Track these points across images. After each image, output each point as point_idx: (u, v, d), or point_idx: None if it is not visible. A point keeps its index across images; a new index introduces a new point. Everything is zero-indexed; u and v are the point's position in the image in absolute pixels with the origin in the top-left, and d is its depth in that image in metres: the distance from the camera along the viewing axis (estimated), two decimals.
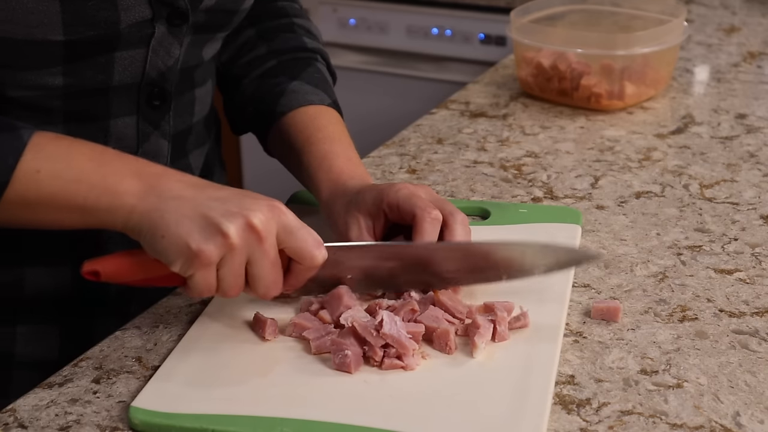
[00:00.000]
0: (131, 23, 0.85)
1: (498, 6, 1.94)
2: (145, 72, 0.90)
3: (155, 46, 0.89)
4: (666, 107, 1.37)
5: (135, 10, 0.85)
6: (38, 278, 0.92)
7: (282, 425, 0.72)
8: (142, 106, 0.92)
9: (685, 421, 0.74)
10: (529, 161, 1.20)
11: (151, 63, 0.89)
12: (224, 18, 0.96)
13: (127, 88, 0.90)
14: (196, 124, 1.02)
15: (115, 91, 0.89)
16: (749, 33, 1.70)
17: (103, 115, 0.90)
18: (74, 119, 0.89)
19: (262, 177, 1.91)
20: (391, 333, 0.78)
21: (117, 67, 0.87)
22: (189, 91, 0.98)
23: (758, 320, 0.86)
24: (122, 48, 0.87)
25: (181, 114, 0.98)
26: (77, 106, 0.88)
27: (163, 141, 0.95)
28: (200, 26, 0.93)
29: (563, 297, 0.87)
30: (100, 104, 0.89)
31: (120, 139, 0.91)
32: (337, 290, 0.84)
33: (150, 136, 0.93)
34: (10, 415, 0.75)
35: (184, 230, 0.74)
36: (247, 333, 0.83)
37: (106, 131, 0.90)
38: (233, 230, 0.74)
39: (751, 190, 1.11)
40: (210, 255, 0.74)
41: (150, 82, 0.91)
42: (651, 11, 1.46)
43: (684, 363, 0.80)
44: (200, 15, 0.92)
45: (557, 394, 0.77)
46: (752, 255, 0.97)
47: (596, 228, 1.03)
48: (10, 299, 0.92)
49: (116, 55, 0.87)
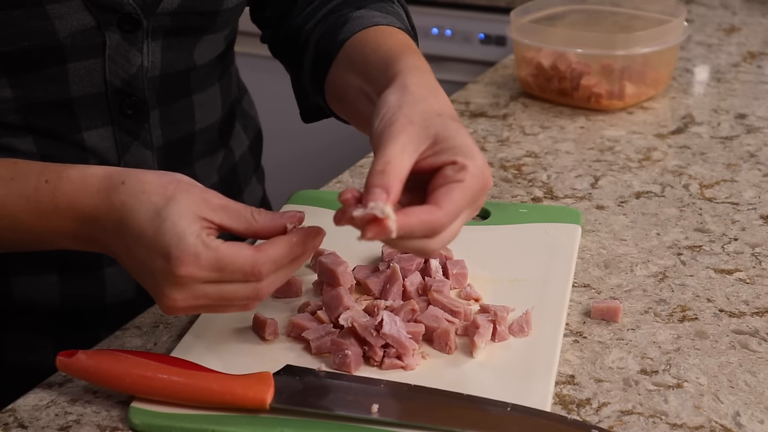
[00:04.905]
0: (72, 32, 0.83)
1: (498, 6, 1.94)
2: (107, 81, 0.87)
3: (111, 54, 0.86)
4: (666, 107, 1.37)
5: (72, 19, 0.82)
6: (25, 288, 0.91)
7: (282, 425, 0.72)
8: (116, 117, 0.89)
9: (685, 421, 0.74)
10: (529, 161, 1.20)
11: (110, 72, 0.87)
12: (202, 20, 0.92)
13: (93, 99, 0.87)
14: (202, 132, 0.99)
15: (79, 103, 0.87)
16: (749, 33, 1.70)
17: (72, 128, 0.88)
18: (43, 135, 0.87)
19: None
20: (391, 333, 0.78)
21: (72, 77, 0.85)
22: (184, 98, 0.95)
23: (758, 320, 0.86)
24: (74, 59, 0.84)
25: (174, 122, 0.94)
26: (42, 121, 0.86)
27: (146, 151, 0.92)
28: (171, 30, 0.90)
29: (563, 297, 0.87)
30: (66, 117, 0.87)
31: (97, 151, 0.89)
32: (336, 291, 0.84)
33: (130, 146, 0.91)
34: (10, 415, 0.75)
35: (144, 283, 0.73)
36: (247, 333, 0.83)
37: (80, 145, 0.88)
38: (169, 302, 0.71)
39: (751, 190, 1.11)
40: (170, 311, 0.72)
41: (116, 90, 0.88)
42: (651, 11, 1.46)
43: (684, 363, 0.80)
44: (163, 19, 0.88)
45: (557, 394, 0.77)
46: (752, 255, 0.97)
47: (596, 228, 1.03)
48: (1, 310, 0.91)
49: (69, 66, 0.85)
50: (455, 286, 0.89)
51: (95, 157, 0.89)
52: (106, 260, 0.92)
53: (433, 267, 0.89)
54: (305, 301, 0.86)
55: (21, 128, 0.86)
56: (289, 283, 0.88)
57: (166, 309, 0.72)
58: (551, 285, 0.89)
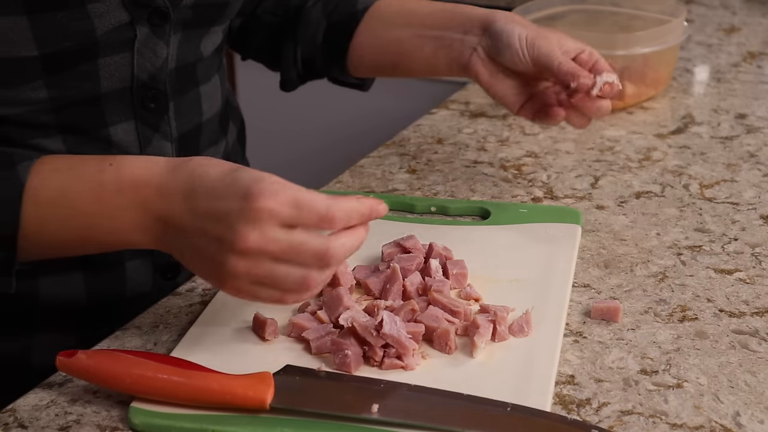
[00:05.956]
0: (108, 29, 0.84)
1: (498, 6, 1.94)
2: (134, 75, 0.89)
3: (140, 48, 0.88)
4: (666, 107, 1.37)
5: (110, 16, 0.84)
6: (52, 287, 0.92)
7: (282, 425, 0.72)
8: (138, 110, 0.91)
9: (685, 421, 0.74)
10: (529, 161, 1.20)
11: (138, 66, 0.89)
12: (214, 12, 0.95)
13: (119, 93, 0.89)
14: (207, 122, 1.01)
15: (106, 99, 0.88)
16: (749, 33, 1.70)
17: (99, 124, 0.89)
18: (71, 132, 0.88)
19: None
20: (391, 333, 0.78)
21: (103, 73, 0.86)
22: (192, 89, 0.97)
23: (758, 320, 0.86)
24: (105, 54, 0.86)
25: (186, 113, 0.97)
26: (71, 119, 0.87)
27: (166, 143, 0.94)
28: (189, 22, 0.92)
29: (563, 297, 0.87)
30: (94, 114, 0.88)
31: (122, 146, 0.91)
32: (336, 291, 0.84)
33: (152, 139, 0.93)
34: (10, 415, 0.75)
35: (199, 271, 0.76)
36: (247, 333, 0.83)
37: (107, 140, 0.90)
38: (232, 264, 0.72)
39: (751, 190, 1.11)
40: (231, 285, 0.74)
41: (141, 84, 0.90)
42: (651, 11, 1.45)
43: (684, 363, 0.80)
44: (185, 11, 0.91)
45: (557, 394, 0.77)
46: (752, 255, 0.97)
47: (596, 228, 1.03)
48: (26, 310, 0.92)
49: (100, 62, 0.86)
50: (455, 286, 0.89)
51: (119, 151, 0.91)
52: (127, 255, 0.94)
53: (433, 267, 0.89)
54: (305, 301, 0.86)
55: (52, 128, 0.87)
56: None
57: (223, 283, 0.73)
58: (551, 285, 0.89)
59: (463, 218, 1.05)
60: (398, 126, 1.34)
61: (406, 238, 0.93)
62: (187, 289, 0.92)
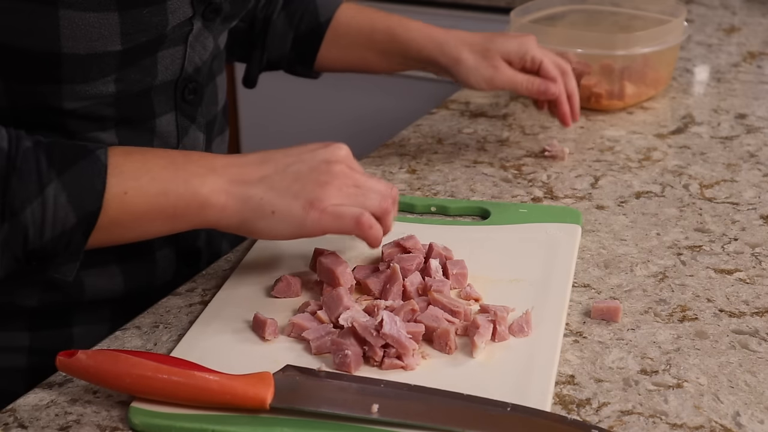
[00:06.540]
0: (175, 24, 0.88)
1: (498, 6, 1.94)
2: (183, 68, 0.92)
3: (192, 41, 0.92)
4: (666, 107, 1.37)
5: (180, 12, 0.88)
6: (94, 279, 0.94)
7: (282, 425, 0.72)
8: (179, 102, 0.94)
9: (685, 421, 0.74)
10: (529, 161, 1.20)
11: (189, 59, 0.92)
12: (242, 6, 1.00)
13: (167, 85, 0.92)
14: (220, 112, 1.05)
15: (155, 91, 0.91)
16: (749, 33, 1.70)
17: (148, 115, 0.92)
18: (123, 123, 0.91)
19: None
20: (391, 333, 0.78)
21: (160, 66, 0.90)
22: (212, 81, 1.01)
23: (758, 320, 0.86)
24: (164, 47, 0.89)
25: (209, 104, 1.01)
26: (126, 112, 0.90)
27: (199, 133, 0.98)
28: (226, 17, 0.96)
29: (563, 297, 0.87)
30: (145, 106, 0.92)
31: (163, 136, 0.94)
32: (336, 291, 0.84)
33: (188, 129, 0.96)
34: (10, 415, 0.75)
35: (290, 196, 0.81)
36: (247, 333, 0.83)
37: (152, 130, 0.93)
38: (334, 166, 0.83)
39: (751, 190, 1.11)
40: (321, 198, 0.81)
41: (186, 77, 0.93)
42: (651, 11, 1.45)
43: (684, 363, 0.80)
44: (226, 6, 0.95)
45: (557, 394, 0.77)
46: (752, 255, 0.97)
47: (596, 228, 1.03)
48: (72, 303, 0.94)
49: (159, 55, 0.89)
50: (455, 286, 0.89)
51: (160, 141, 0.94)
52: (156, 244, 0.97)
53: (433, 267, 0.89)
54: (305, 301, 0.86)
55: (109, 120, 0.90)
56: (289, 283, 0.88)
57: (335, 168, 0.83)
58: (551, 285, 0.89)
59: (463, 218, 1.05)
60: (398, 126, 1.34)
61: (406, 238, 0.93)
62: (187, 289, 0.92)
